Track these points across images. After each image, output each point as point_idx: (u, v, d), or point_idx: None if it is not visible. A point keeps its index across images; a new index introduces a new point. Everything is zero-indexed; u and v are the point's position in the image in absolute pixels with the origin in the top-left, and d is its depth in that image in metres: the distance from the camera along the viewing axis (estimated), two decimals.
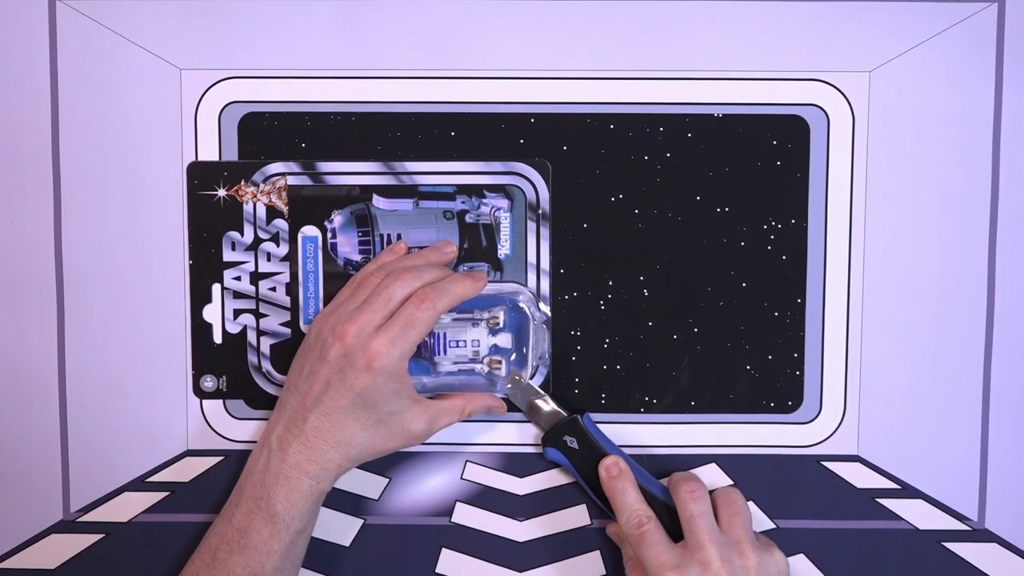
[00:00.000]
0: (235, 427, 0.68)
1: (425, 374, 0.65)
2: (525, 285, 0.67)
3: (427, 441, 0.68)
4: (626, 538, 0.63)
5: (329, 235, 0.66)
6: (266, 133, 0.67)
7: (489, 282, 0.67)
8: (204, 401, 0.68)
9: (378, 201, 0.66)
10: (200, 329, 0.67)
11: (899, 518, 0.68)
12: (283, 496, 0.59)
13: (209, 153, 0.67)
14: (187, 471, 0.68)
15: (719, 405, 0.68)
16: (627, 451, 0.68)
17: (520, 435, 0.69)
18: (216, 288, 0.67)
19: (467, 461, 0.69)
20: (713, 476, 0.68)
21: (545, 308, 0.67)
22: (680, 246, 0.68)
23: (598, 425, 0.67)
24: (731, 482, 0.68)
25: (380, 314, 0.59)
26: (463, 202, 0.67)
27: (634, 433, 0.68)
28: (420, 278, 0.60)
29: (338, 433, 0.59)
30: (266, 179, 0.66)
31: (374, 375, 0.58)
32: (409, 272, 0.60)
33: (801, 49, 0.67)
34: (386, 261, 0.63)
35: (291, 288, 0.67)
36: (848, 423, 0.68)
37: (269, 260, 0.67)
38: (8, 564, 0.68)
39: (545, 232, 0.67)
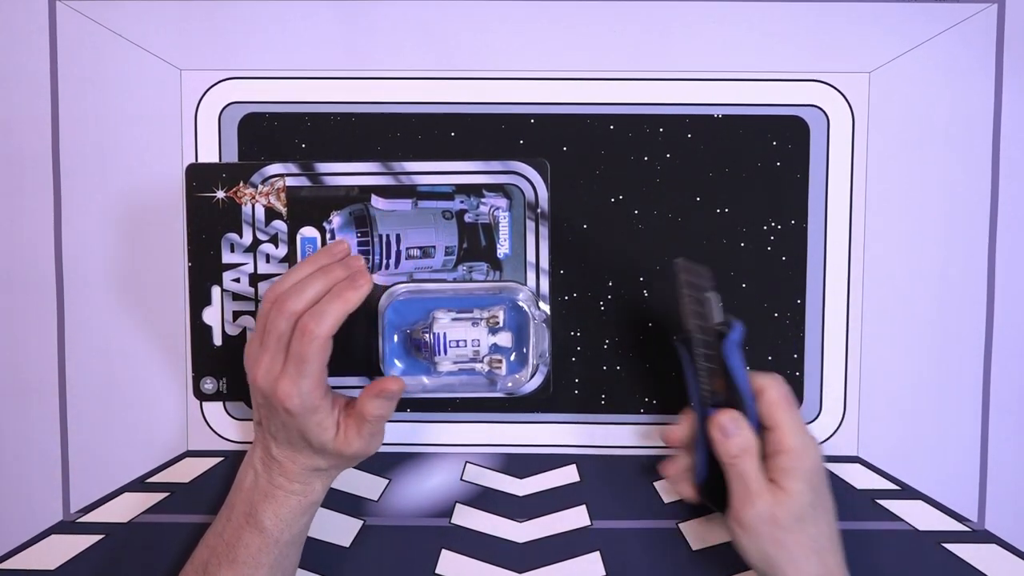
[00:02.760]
0: (235, 428, 0.69)
1: (425, 374, 0.65)
2: (524, 284, 0.67)
3: (427, 443, 0.68)
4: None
5: (328, 236, 0.66)
6: (266, 134, 0.67)
7: (489, 281, 0.67)
8: (204, 402, 0.68)
9: (377, 201, 0.66)
10: (200, 331, 0.67)
11: (899, 519, 0.68)
12: (272, 512, 0.61)
13: (209, 153, 0.67)
14: (187, 472, 0.68)
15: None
16: (627, 451, 0.68)
17: (520, 436, 0.69)
18: (216, 290, 0.67)
19: (467, 462, 0.69)
20: None
21: (545, 307, 0.67)
22: (680, 246, 0.68)
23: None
24: None
25: (278, 353, 0.58)
26: (462, 202, 0.67)
27: (634, 433, 0.68)
28: (302, 299, 0.58)
29: (300, 456, 0.60)
30: (265, 180, 0.66)
31: (292, 416, 0.58)
32: (289, 298, 0.58)
33: (801, 50, 0.67)
34: (276, 284, 0.60)
35: None
36: (848, 424, 0.68)
37: (268, 262, 0.67)
38: (8, 564, 0.68)
39: (544, 231, 0.67)
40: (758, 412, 0.60)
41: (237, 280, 0.67)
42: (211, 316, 0.67)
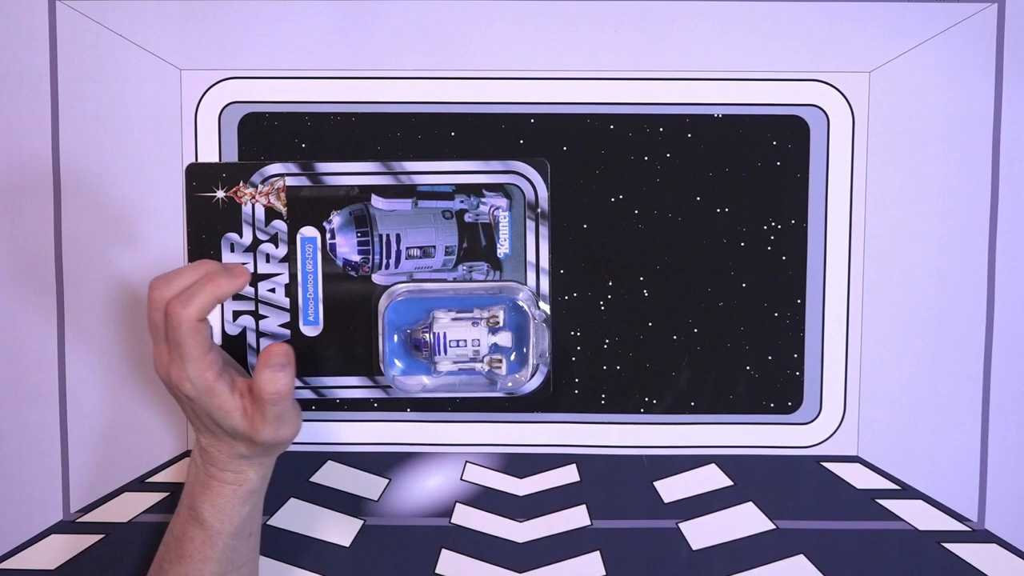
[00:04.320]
0: None
1: (426, 374, 0.65)
2: (524, 284, 0.67)
3: (427, 443, 0.68)
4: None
5: (328, 236, 0.66)
6: (266, 133, 0.67)
7: (489, 281, 0.67)
8: None
9: (377, 201, 0.66)
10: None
11: (899, 519, 0.68)
12: (209, 503, 0.60)
13: (209, 153, 0.67)
14: (187, 472, 0.68)
15: (719, 406, 0.68)
16: (627, 451, 0.68)
17: (520, 436, 0.69)
18: None
19: (467, 462, 0.69)
20: (712, 477, 0.68)
21: (545, 306, 0.67)
22: (680, 246, 0.68)
23: None
24: (732, 483, 0.68)
25: (161, 343, 0.58)
26: (462, 201, 0.67)
27: (634, 433, 0.68)
28: (170, 288, 0.57)
29: (223, 444, 0.60)
30: (265, 180, 0.66)
31: (193, 401, 0.58)
32: (156, 289, 0.57)
33: (801, 49, 0.67)
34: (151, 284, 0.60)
35: (290, 289, 0.67)
36: (848, 424, 0.68)
37: (268, 261, 0.67)
38: (8, 564, 0.68)
39: (544, 231, 0.67)
40: None
41: None
42: (211, 316, 0.67)
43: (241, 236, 0.66)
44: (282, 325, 0.67)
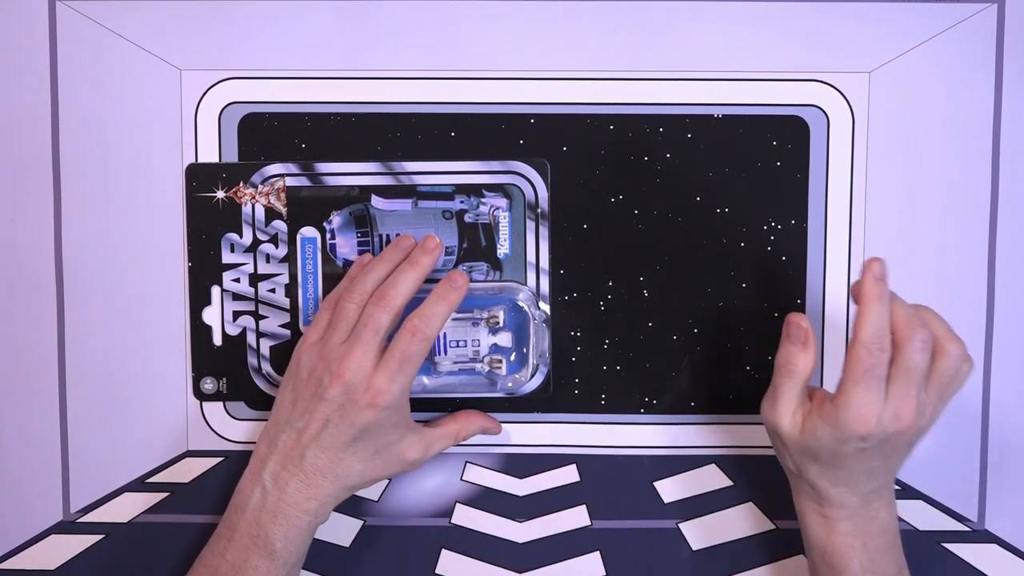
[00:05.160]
0: (235, 428, 0.69)
1: (426, 374, 0.65)
2: (524, 284, 0.67)
3: None
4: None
5: (328, 236, 0.66)
6: (266, 134, 0.67)
7: (489, 281, 0.67)
8: (204, 402, 0.68)
9: (377, 201, 0.66)
10: (199, 331, 0.67)
11: (899, 518, 0.68)
12: (282, 534, 0.58)
13: (209, 154, 0.67)
14: (187, 472, 0.68)
15: (719, 405, 0.68)
16: (627, 451, 0.68)
17: (520, 436, 0.69)
18: (215, 290, 0.67)
19: (467, 462, 0.69)
20: (712, 477, 0.68)
21: (545, 307, 0.67)
22: (680, 246, 0.68)
23: None
24: (731, 483, 0.68)
25: (374, 346, 0.58)
26: (462, 202, 0.67)
27: (634, 433, 0.68)
28: (399, 294, 0.59)
29: (336, 468, 0.59)
30: (265, 180, 0.66)
31: (377, 411, 0.57)
32: (388, 293, 0.59)
33: (801, 49, 0.67)
34: (356, 277, 0.62)
35: (290, 289, 0.67)
36: None
37: (268, 262, 0.67)
38: (8, 564, 0.68)
39: (544, 231, 0.67)
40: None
41: (237, 280, 0.67)
42: (211, 316, 0.67)
43: (241, 236, 0.67)
44: (282, 325, 0.67)
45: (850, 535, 0.59)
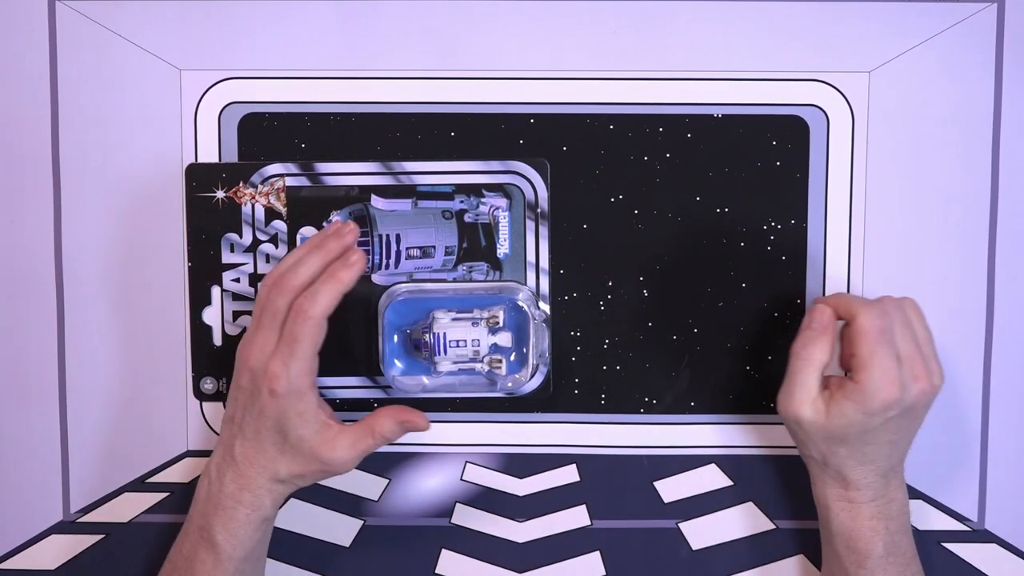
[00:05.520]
0: None
1: (425, 374, 0.65)
2: (524, 284, 0.67)
3: (427, 443, 0.68)
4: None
5: None
6: (266, 133, 0.67)
7: (488, 281, 0.67)
8: (204, 402, 0.68)
9: (376, 201, 0.66)
10: (200, 331, 0.67)
11: None
12: (222, 526, 0.59)
13: (209, 154, 0.67)
14: (187, 472, 0.68)
15: (719, 405, 0.68)
16: (627, 451, 0.68)
17: (520, 436, 0.69)
18: (216, 290, 0.67)
19: (467, 462, 0.69)
20: (712, 477, 0.68)
21: (545, 307, 0.67)
22: (680, 246, 0.68)
23: None
24: (731, 483, 0.68)
25: (272, 332, 0.57)
26: (461, 201, 0.67)
27: (634, 433, 0.68)
28: (298, 277, 0.58)
29: (262, 458, 0.59)
30: (264, 180, 0.66)
31: (277, 398, 0.57)
32: (286, 276, 0.58)
33: (801, 49, 0.66)
34: (274, 269, 0.60)
35: None
36: None
37: (268, 262, 0.67)
38: (8, 564, 0.68)
39: (544, 231, 0.67)
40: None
41: (237, 280, 0.67)
42: (211, 316, 0.67)
43: (241, 236, 0.66)
44: None
45: (875, 518, 0.60)
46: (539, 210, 0.67)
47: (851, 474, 0.60)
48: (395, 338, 0.66)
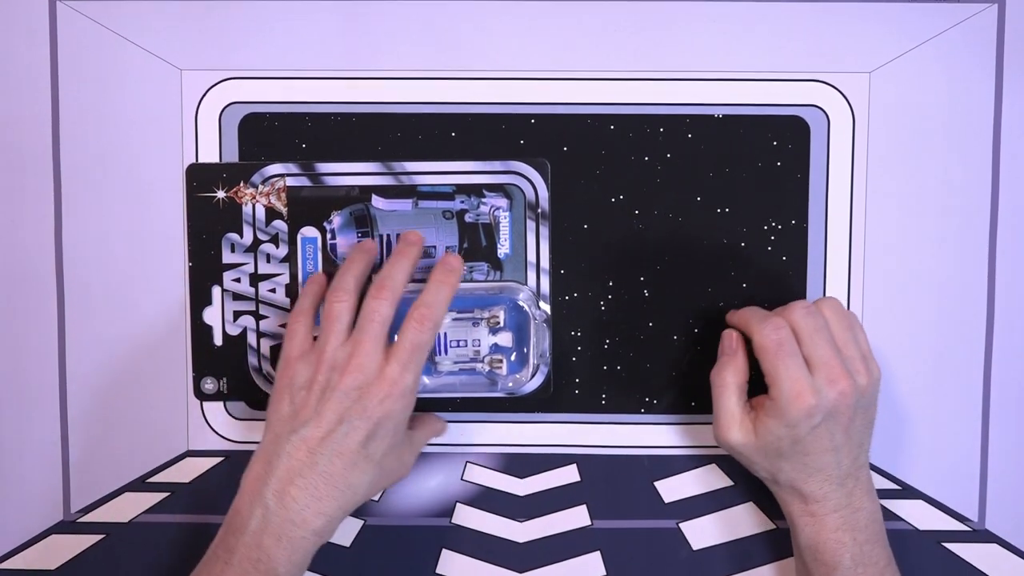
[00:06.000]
0: (235, 428, 0.69)
1: (426, 374, 0.65)
2: (525, 284, 0.67)
3: (427, 442, 0.68)
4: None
5: (328, 236, 0.66)
6: (266, 134, 0.67)
7: (489, 281, 0.67)
8: (204, 402, 0.68)
9: (377, 201, 0.66)
10: (200, 331, 0.67)
11: (899, 518, 0.68)
12: (286, 558, 0.55)
13: (209, 154, 0.67)
14: (187, 472, 0.68)
15: None
16: (627, 451, 0.68)
17: (521, 436, 0.69)
18: (216, 290, 0.67)
19: (467, 462, 0.69)
20: (713, 477, 0.68)
21: (545, 306, 0.67)
22: (680, 246, 0.68)
23: None
24: (731, 483, 0.68)
25: (382, 337, 0.58)
26: (462, 201, 0.67)
27: (634, 433, 0.68)
28: (398, 282, 0.59)
29: (349, 475, 0.56)
30: (265, 180, 0.66)
31: (394, 401, 0.56)
32: (386, 284, 0.59)
33: (801, 49, 0.67)
34: (333, 283, 0.61)
35: (291, 289, 0.67)
36: None
37: (269, 261, 0.67)
38: (8, 564, 0.68)
39: (544, 231, 0.67)
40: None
41: (237, 280, 0.67)
42: (211, 316, 0.67)
43: (242, 236, 0.66)
44: (282, 325, 0.67)
45: (840, 530, 0.59)
46: (540, 210, 0.67)
47: (804, 487, 0.60)
48: (395, 338, 0.66)
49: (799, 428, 0.58)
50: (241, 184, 0.66)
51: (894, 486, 0.68)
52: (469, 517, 0.68)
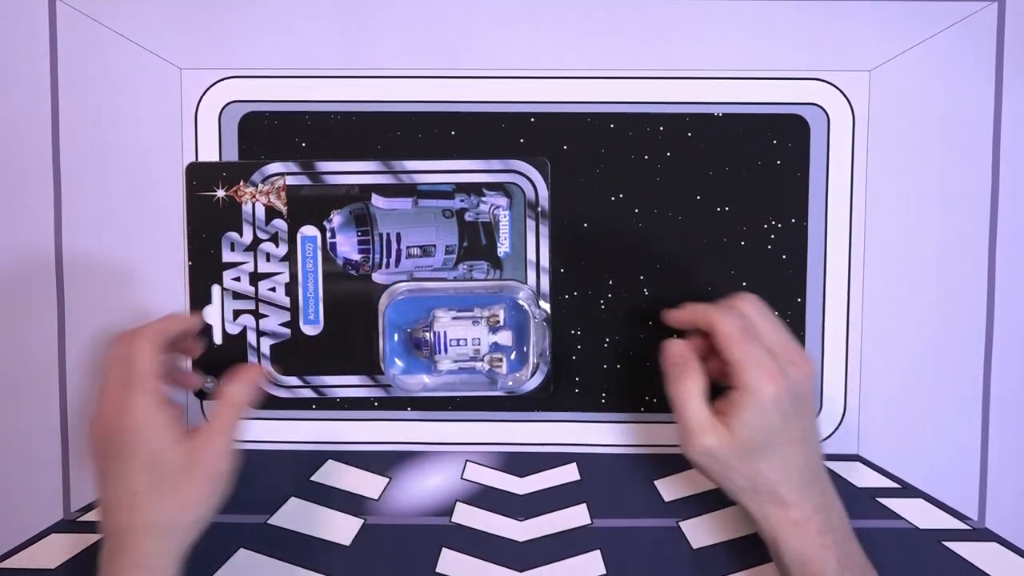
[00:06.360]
0: None
1: (426, 373, 0.65)
2: (525, 283, 0.67)
3: (427, 441, 0.68)
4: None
5: (328, 235, 0.66)
6: (266, 133, 0.67)
7: (489, 279, 0.67)
8: (204, 402, 0.68)
9: (377, 200, 0.66)
10: (200, 330, 0.67)
11: (899, 517, 0.68)
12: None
13: (209, 153, 0.67)
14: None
15: None
16: (627, 450, 0.68)
17: (520, 435, 0.69)
18: (216, 289, 0.67)
19: (467, 461, 0.69)
20: None
21: (545, 305, 0.67)
22: (680, 246, 0.68)
23: None
24: None
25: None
26: (462, 200, 0.67)
27: (634, 432, 0.68)
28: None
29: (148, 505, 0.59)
30: (265, 179, 0.66)
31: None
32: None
33: (801, 49, 0.67)
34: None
35: (291, 288, 0.67)
36: (848, 423, 0.68)
37: (268, 260, 0.67)
38: (8, 564, 0.68)
39: (544, 230, 0.67)
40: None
41: (237, 279, 0.67)
42: (211, 315, 0.67)
43: (241, 235, 0.67)
44: (282, 324, 0.67)
45: (822, 533, 0.59)
46: (539, 209, 0.67)
47: (783, 489, 0.59)
48: (396, 337, 0.66)
49: (772, 415, 0.57)
50: (241, 183, 0.66)
51: (894, 485, 0.68)
52: (469, 516, 0.68)
